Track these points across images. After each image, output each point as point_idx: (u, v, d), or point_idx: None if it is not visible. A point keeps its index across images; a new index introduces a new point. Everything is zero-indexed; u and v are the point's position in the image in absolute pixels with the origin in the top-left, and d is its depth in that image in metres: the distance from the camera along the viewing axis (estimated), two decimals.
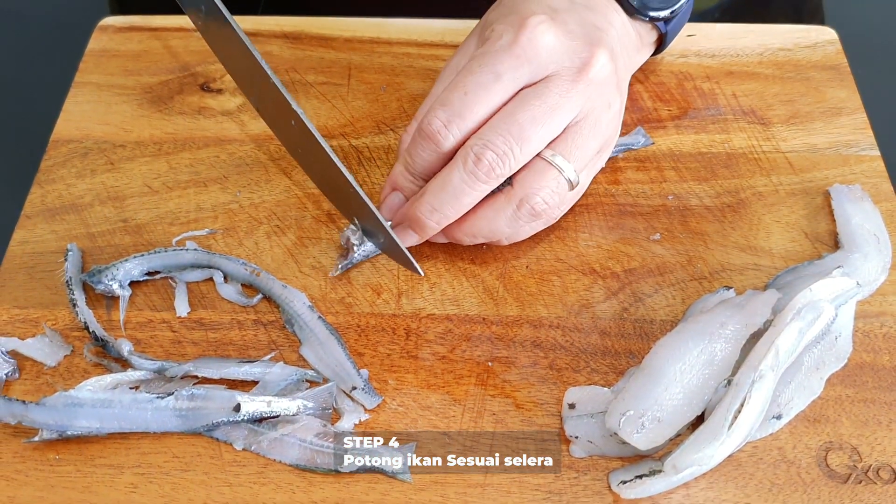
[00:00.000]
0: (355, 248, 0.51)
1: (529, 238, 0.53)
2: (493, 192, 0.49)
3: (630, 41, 0.55)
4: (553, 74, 0.48)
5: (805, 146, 0.58)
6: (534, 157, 0.48)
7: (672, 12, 0.55)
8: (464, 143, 0.48)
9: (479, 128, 0.48)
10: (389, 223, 0.49)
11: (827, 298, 0.47)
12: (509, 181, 0.49)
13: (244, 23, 0.64)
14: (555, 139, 0.49)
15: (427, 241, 0.51)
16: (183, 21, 0.65)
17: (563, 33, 0.49)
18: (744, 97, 0.61)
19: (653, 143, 0.57)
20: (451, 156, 0.48)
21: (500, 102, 0.48)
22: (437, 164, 0.49)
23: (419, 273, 0.49)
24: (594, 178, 0.53)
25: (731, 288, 0.50)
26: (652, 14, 0.55)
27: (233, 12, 0.48)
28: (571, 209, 0.54)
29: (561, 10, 0.50)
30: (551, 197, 0.49)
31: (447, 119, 0.47)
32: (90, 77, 0.62)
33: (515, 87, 0.48)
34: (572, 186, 0.49)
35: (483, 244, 0.53)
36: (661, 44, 0.58)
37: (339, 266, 0.51)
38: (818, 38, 0.64)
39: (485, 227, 0.49)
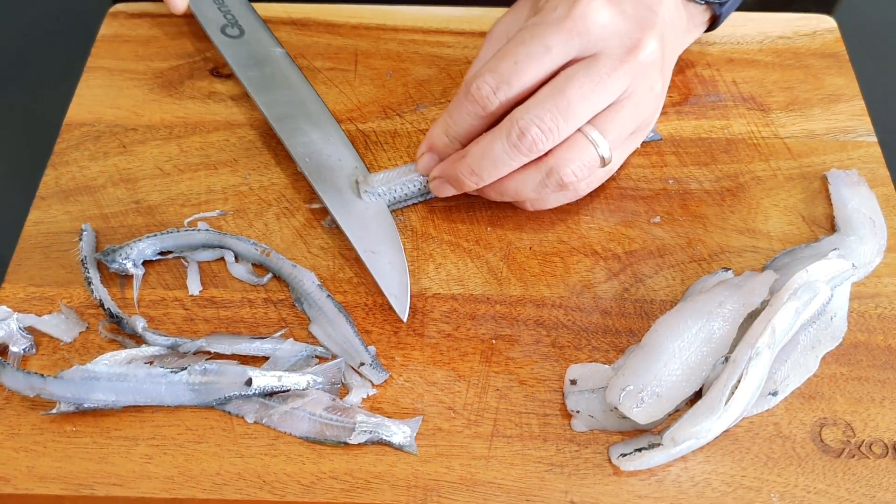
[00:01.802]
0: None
1: (533, 220, 0.54)
2: None
3: (681, 23, 0.54)
4: (602, 52, 0.49)
5: (803, 132, 0.59)
6: None
7: None
8: (506, 108, 0.49)
9: (523, 95, 0.49)
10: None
11: (823, 279, 0.49)
12: None
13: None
14: (595, 115, 0.50)
15: (433, 223, 0.53)
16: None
17: (618, 13, 0.49)
18: (744, 84, 0.62)
19: (661, 139, 0.58)
20: (491, 119, 0.50)
21: (547, 73, 0.49)
22: (476, 128, 0.50)
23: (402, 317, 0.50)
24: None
25: (730, 269, 0.52)
26: None
27: None
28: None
29: None
30: (581, 170, 0.50)
31: (496, 85, 0.48)
32: (102, 62, 0.63)
33: (564, 60, 0.49)
34: (604, 163, 0.50)
35: (488, 227, 0.54)
36: (713, 23, 0.58)
37: (329, 219, 0.53)
38: (817, 27, 0.65)
39: (511, 189, 0.51)
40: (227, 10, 0.62)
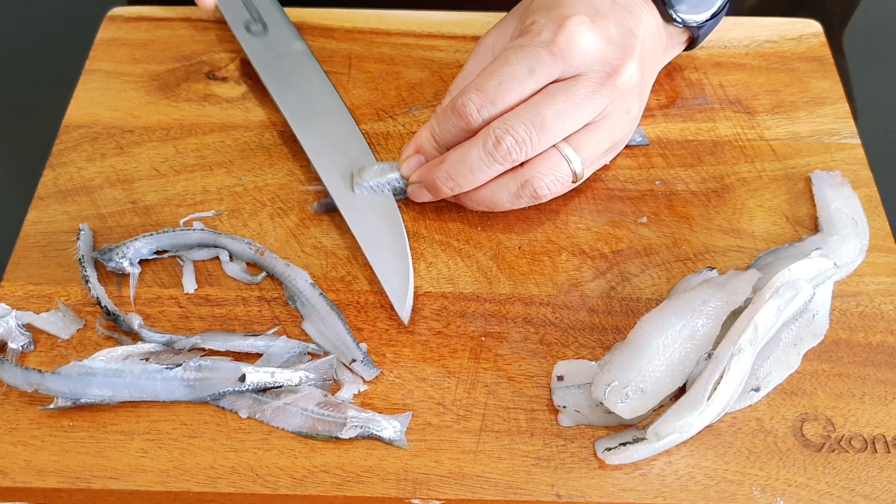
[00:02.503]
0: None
1: (522, 220, 0.55)
2: None
3: (660, 43, 0.56)
4: (582, 74, 0.51)
5: (788, 134, 0.60)
6: None
7: (707, 19, 0.57)
8: (489, 122, 0.51)
9: (505, 111, 0.51)
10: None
11: (805, 278, 0.50)
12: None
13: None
14: (571, 134, 0.51)
15: (424, 223, 0.55)
16: (189, 11, 0.67)
17: (601, 38, 0.51)
18: (730, 87, 0.63)
19: (648, 144, 0.59)
20: (475, 132, 0.52)
21: (529, 93, 0.51)
22: (461, 138, 0.52)
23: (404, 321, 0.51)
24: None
25: (714, 268, 0.53)
26: (687, 20, 0.56)
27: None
28: (563, 194, 0.56)
29: (602, 12, 0.52)
30: (554, 185, 0.52)
31: (480, 104, 0.51)
32: (100, 65, 0.64)
33: (546, 81, 0.51)
34: (576, 179, 0.53)
35: (478, 227, 0.55)
36: (691, 43, 0.60)
37: (318, 203, 0.55)
38: (803, 31, 0.66)
39: (487, 198, 0.53)
40: (252, 6, 0.64)
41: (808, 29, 0.66)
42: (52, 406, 0.47)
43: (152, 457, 0.46)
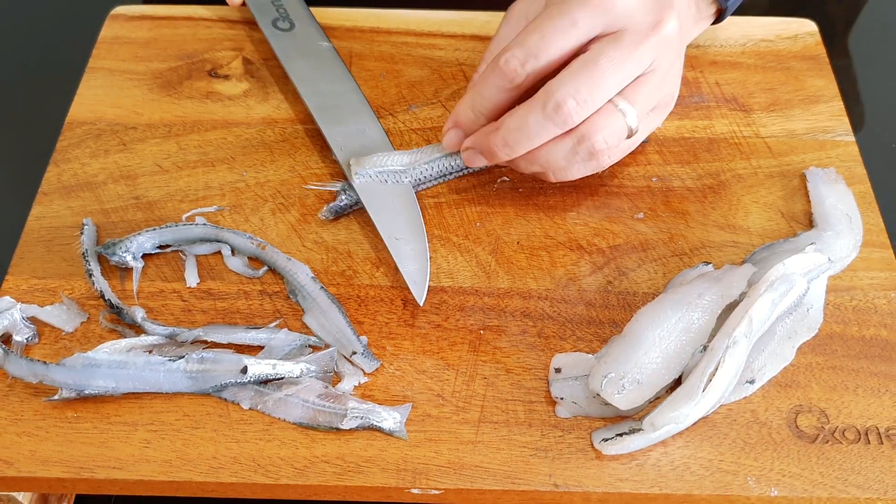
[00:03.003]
0: (344, 193, 0.55)
1: (520, 216, 0.56)
2: None
3: (690, 14, 0.57)
4: (627, 28, 0.51)
5: (784, 132, 0.61)
6: None
7: None
8: (532, 81, 0.51)
9: (549, 68, 0.51)
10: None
11: (800, 272, 0.50)
12: None
13: (249, 12, 0.67)
14: (623, 87, 0.52)
15: (424, 218, 0.55)
16: (191, 10, 0.68)
17: None
18: (726, 85, 0.64)
19: (647, 142, 0.60)
20: (517, 92, 0.52)
21: (573, 47, 0.51)
22: (502, 101, 0.52)
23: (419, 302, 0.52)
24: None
25: (710, 263, 0.53)
26: None
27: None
28: (561, 189, 0.57)
29: None
30: (610, 137, 0.52)
31: (524, 58, 0.50)
32: (103, 63, 0.65)
33: (589, 35, 0.51)
34: (631, 133, 0.52)
35: (477, 222, 0.56)
36: (719, 17, 0.60)
37: (327, 208, 0.55)
38: (798, 30, 0.67)
39: (542, 158, 0.53)
40: (279, 3, 0.65)
41: (804, 28, 0.67)
42: (56, 397, 0.47)
43: (155, 447, 0.47)
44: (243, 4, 0.67)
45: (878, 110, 0.68)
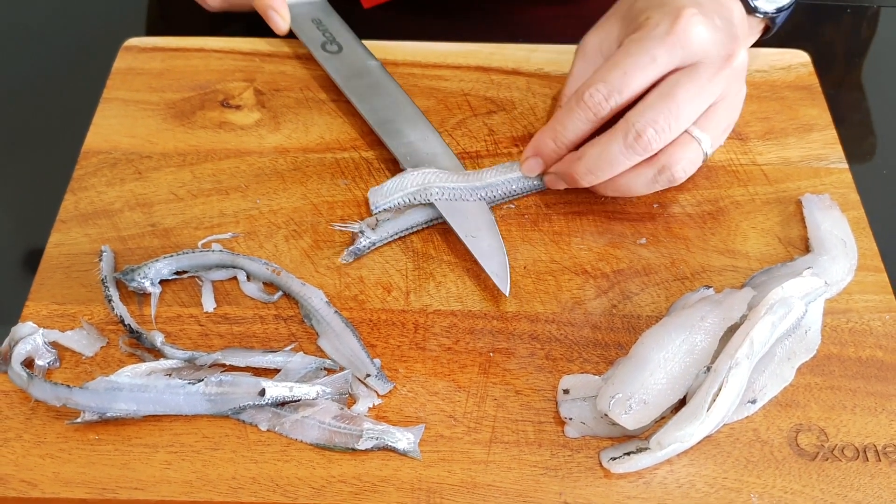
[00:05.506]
0: (362, 235, 0.57)
1: (527, 242, 0.58)
2: None
3: (744, 32, 0.60)
4: (702, 61, 0.55)
5: (779, 159, 0.63)
6: None
7: (783, 6, 0.61)
8: (613, 113, 0.55)
9: (630, 102, 0.54)
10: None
11: (797, 296, 0.52)
12: None
13: (260, 44, 0.69)
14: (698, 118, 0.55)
15: (434, 244, 0.57)
16: (202, 42, 0.70)
17: (712, 27, 0.55)
18: None
19: None
20: (599, 124, 0.55)
21: (650, 81, 0.55)
22: (585, 133, 0.56)
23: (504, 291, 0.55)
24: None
25: (711, 287, 0.55)
26: (768, 9, 0.61)
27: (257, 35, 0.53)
28: (565, 215, 0.59)
29: (703, 4, 0.56)
30: (690, 166, 0.56)
31: (608, 93, 0.54)
32: (117, 93, 0.66)
33: (667, 70, 0.55)
34: (706, 158, 0.56)
35: None
36: (766, 31, 0.64)
37: (347, 252, 0.57)
38: (792, 61, 0.69)
39: (623, 185, 0.57)
40: (324, 28, 0.69)
41: (797, 59, 0.69)
42: (79, 420, 0.49)
43: (176, 468, 0.48)
44: (290, 33, 0.69)
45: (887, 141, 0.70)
